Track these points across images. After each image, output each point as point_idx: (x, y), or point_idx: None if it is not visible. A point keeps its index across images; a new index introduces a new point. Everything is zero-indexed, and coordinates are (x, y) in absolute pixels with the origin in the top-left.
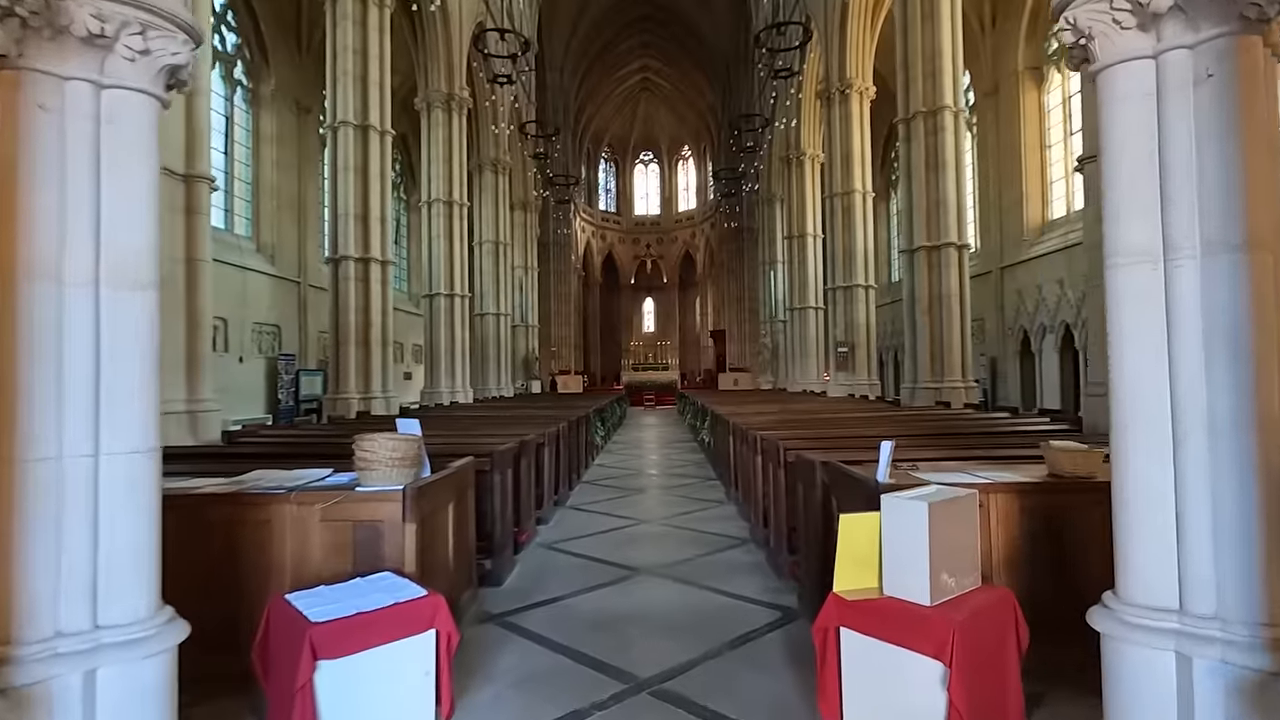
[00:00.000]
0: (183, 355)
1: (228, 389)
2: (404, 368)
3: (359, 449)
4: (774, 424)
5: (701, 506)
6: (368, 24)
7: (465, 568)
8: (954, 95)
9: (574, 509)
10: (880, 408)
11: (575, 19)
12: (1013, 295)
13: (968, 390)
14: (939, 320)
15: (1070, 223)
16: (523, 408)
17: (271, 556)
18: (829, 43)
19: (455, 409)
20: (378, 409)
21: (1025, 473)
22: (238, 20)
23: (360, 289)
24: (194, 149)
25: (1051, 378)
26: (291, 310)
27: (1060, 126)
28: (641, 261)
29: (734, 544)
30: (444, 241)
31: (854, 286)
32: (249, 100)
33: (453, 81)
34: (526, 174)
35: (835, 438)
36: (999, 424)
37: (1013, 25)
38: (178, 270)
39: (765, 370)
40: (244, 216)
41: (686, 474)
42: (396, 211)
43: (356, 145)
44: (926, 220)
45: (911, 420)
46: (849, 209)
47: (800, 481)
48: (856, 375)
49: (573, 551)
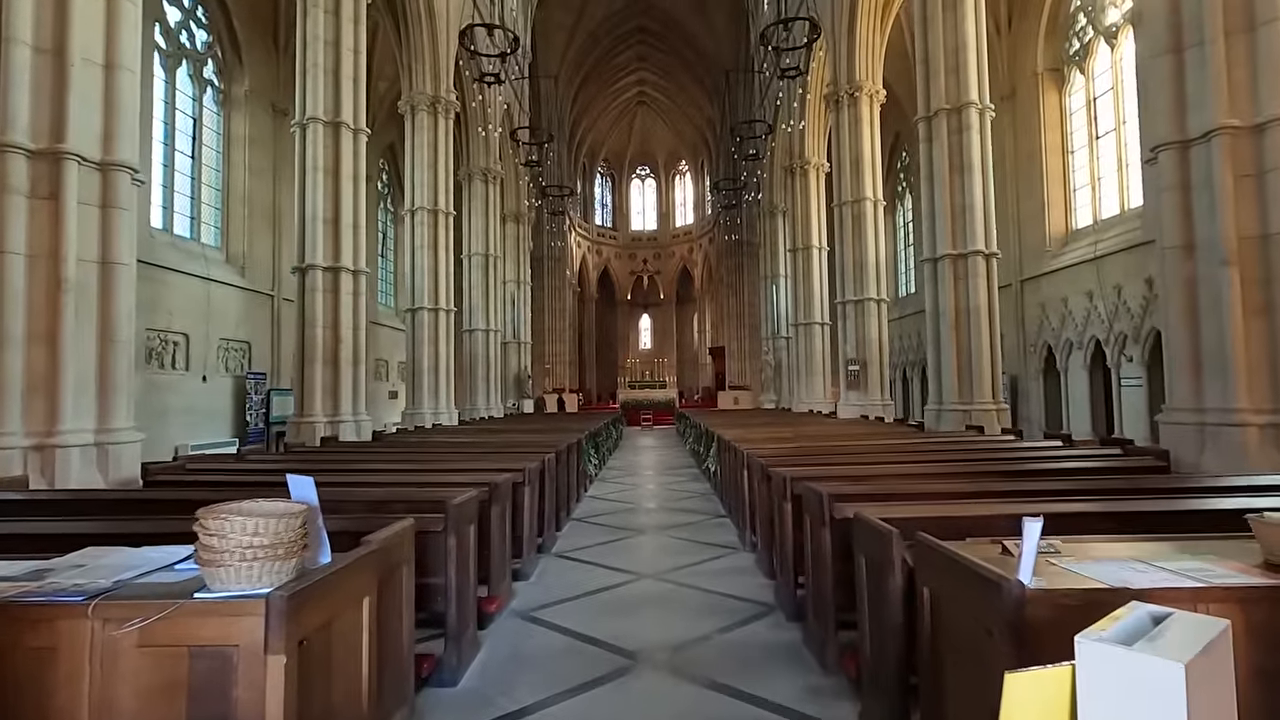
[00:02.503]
0: (93, 375)
1: (188, 410)
2: (389, 386)
3: (201, 532)
4: (793, 455)
5: (710, 553)
6: (341, 13)
7: (396, 682)
8: (979, 91)
9: (561, 557)
10: (905, 433)
11: (571, 29)
12: (1034, 309)
13: (1000, 413)
14: (966, 336)
15: (1098, 231)
16: (510, 431)
17: (55, 708)
18: (836, 44)
19: (433, 433)
20: (346, 433)
21: (1218, 558)
22: (209, 17)
23: (329, 301)
24: (114, 132)
25: (1079, 397)
26: (264, 325)
27: (1084, 130)
28: (638, 277)
29: (757, 612)
30: (428, 252)
31: (865, 300)
32: (219, 101)
33: (439, 83)
34: (519, 183)
35: (874, 477)
36: (1067, 459)
37: (1030, 26)
38: (89, 275)
39: (768, 389)
40: (212, 225)
41: (690, 508)
42: (383, 223)
43: (327, 144)
44: (951, 226)
45: (953, 452)
46: (859, 217)
47: (863, 553)
48: (869, 395)
49: (555, 624)
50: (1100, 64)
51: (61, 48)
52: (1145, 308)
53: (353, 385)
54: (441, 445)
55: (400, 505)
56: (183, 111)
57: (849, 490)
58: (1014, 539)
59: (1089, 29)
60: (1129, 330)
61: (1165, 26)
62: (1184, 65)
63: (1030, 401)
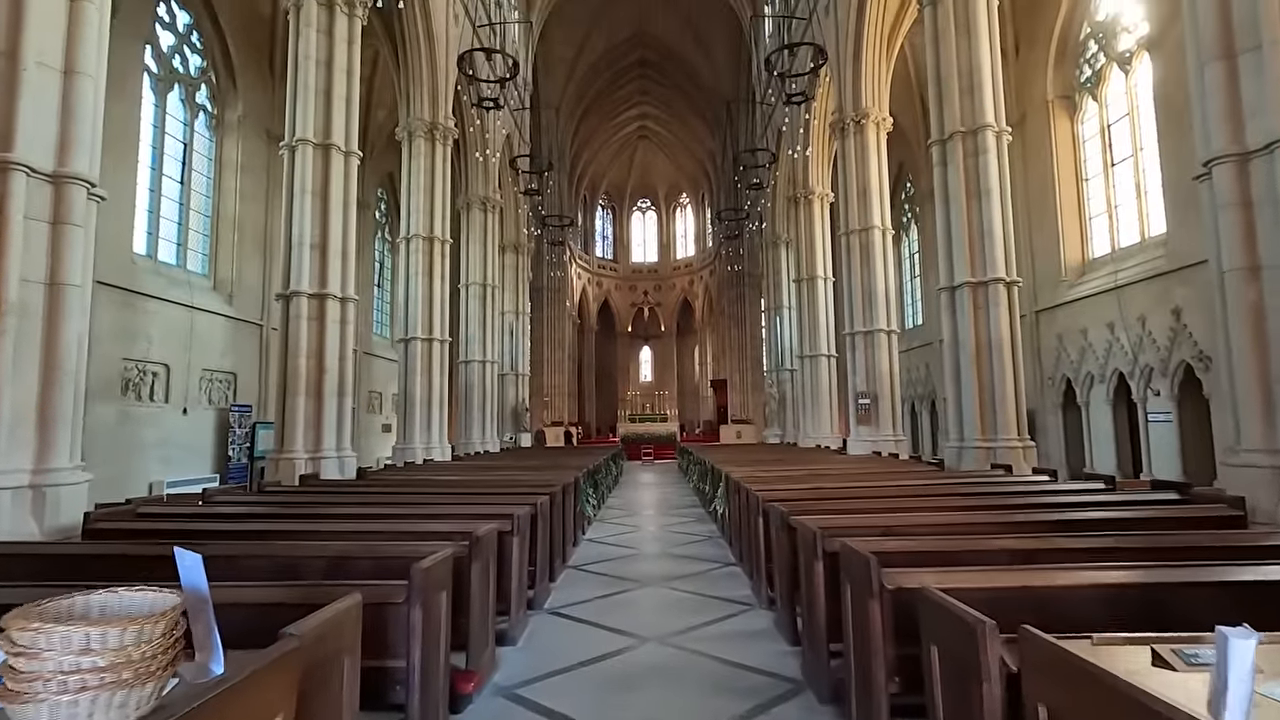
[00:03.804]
0: (32, 408)
1: (165, 444)
2: (382, 419)
3: (6, 649)
4: (811, 499)
5: (721, 609)
6: (334, 34)
7: None
8: (996, 113)
9: (554, 614)
10: (926, 473)
11: (572, 62)
12: (1051, 341)
13: (1026, 450)
14: (988, 368)
15: (1117, 260)
16: (503, 468)
17: None
18: (841, 71)
19: (422, 470)
20: (329, 471)
21: None
22: (204, 42)
23: (314, 329)
24: (70, 142)
25: (1103, 433)
26: (250, 355)
27: (1099, 158)
28: (639, 309)
29: (783, 691)
30: (422, 280)
31: (875, 331)
32: (212, 126)
33: (437, 109)
34: (519, 212)
35: (913, 528)
36: (1121, 505)
37: (1039, 53)
38: (34, 296)
39: (772, 423)
40: (200, 251)
41: (697, 555)
42: (381, 252)
43: (316, 166)
44: (970, 253)
45: (988, 495)
46: (867, 246)
47: (934, 642)
48: (880, 430)
49: (545, 707)
50: (1114, 90)
51: (14, 50)
52: (1172, 339)
53: (337, 419)
54: (427, 485)
55: (365, 563)
56: (173, 136)
57: (892, 548)
58: (1157, 637)
59: (1100, 56)
60: (1155, 363)
61: (1215, 30)
62: (1238, 71)
63: (1049, 437)
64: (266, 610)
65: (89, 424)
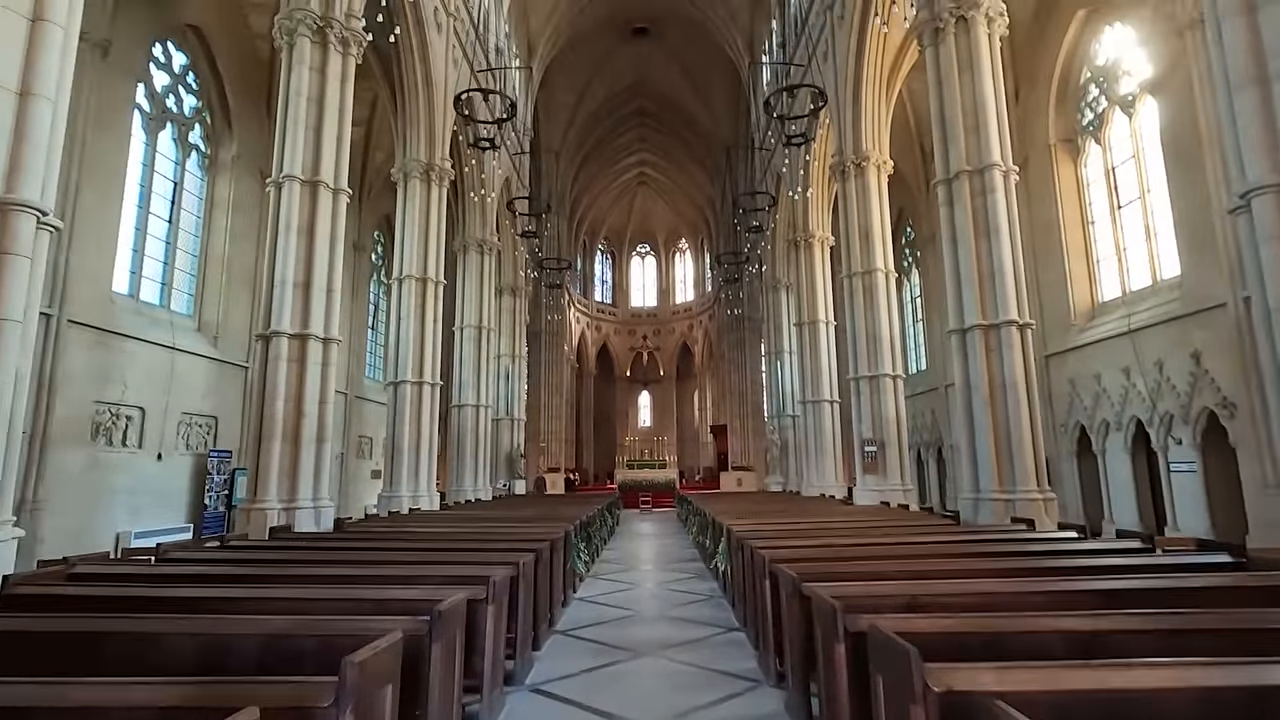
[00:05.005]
0: None
1: (136, 492)
2: (371, 465)
3: None
4: (824, 559)
5: (727, 687)
6: (327, 71)
7: None
8: (1002, 152)
9: (536, 692)
10: (943, 527)
11: (573, 108)
12: (1063, 386)
13: (1047, 503)
14: (1003, 415)
15: (1129, 304)
16: (491, 519)
17: None
18: (841, 115)
19: (404, 521)
20: (304, 522)
21: None
22: (200, 83)
23: (294, 371)
24: (19, 167)
25: (1121, 483)
26: (233, 398)
27: (1104, 200)
28: (638, 353)
29: None
30: (414, 321)
31: (880, 376)
32: (204, 165)
33: (433, 151)
34: (515, 254)
35: (945, 599)
36: (1176, 571)
37: (1040, 97)
38: None
39: (774, 470)
40: (185, 291)
41: (697, 618)
42: (376, 295)
43: (304, 202)
44: (980, 294)
45: (1018, 556)
46: (870, 289)
47: None
48: (888, 479)
49: None
50: (1117, 133)
51: None
52: (1193, 385)
53: (314, 466)
54: (406, 538)
55: (308, 644)
56: (162, 175)
57: (926, 628)
58: None
59: (1102, 99)
60: (1175, 410)
61: (1245, 55)
62: (1272, 97)
63: (1064, 486)
64: (165, 715)
65: (50, 472)
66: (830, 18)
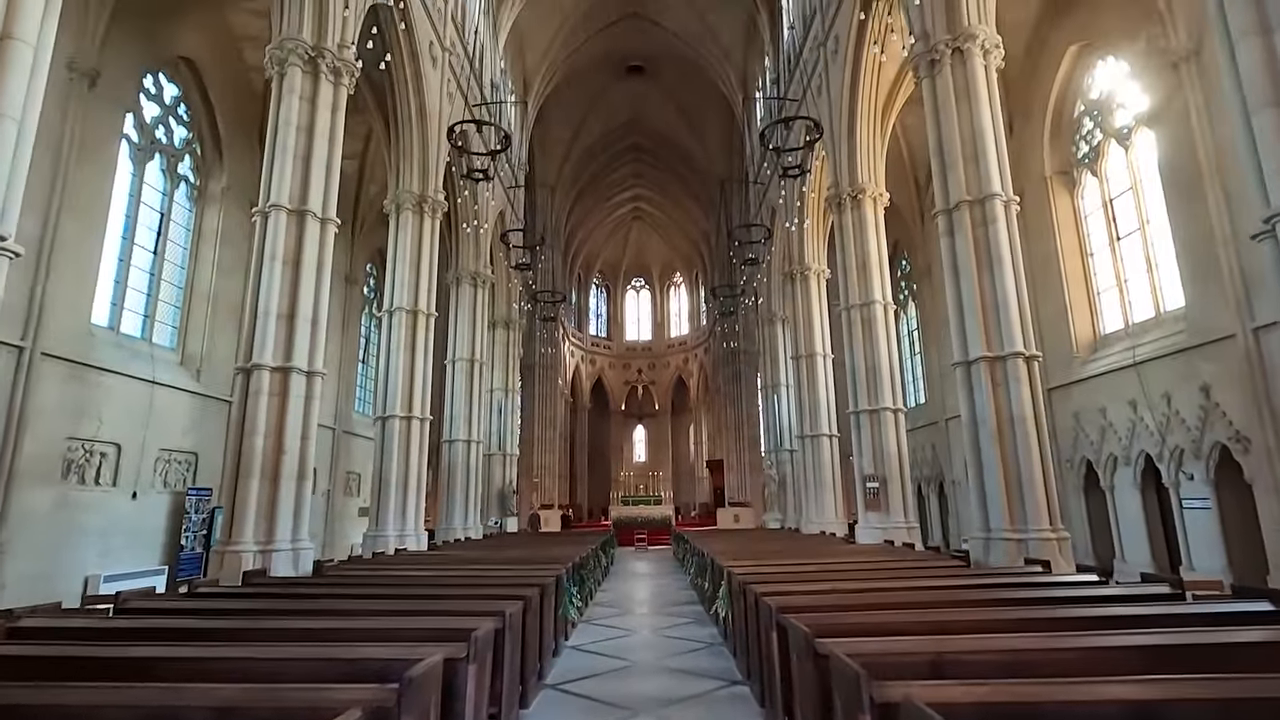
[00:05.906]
0: None
1: (109, 533)
2: (359, 502)
3: None
4: (833, 608)
5: None
6: (318, 100)
7: None
8: (1003, 181)
9: None
10: (953, 569)
11: (569, 144)
12: (1067, 420)
13: (1061, 543)
14: (1012, 450)
15: (1133, 336)
16: (480, 561)
17: None
18: (837, 147)
19: (387, 563)
20: (280, 565)
21: None
22: (191, 114)
23: (274, 405)
24: None
25: (1131, 520)
26: (216, 434)
27: (1103, 232)
28: (633, 387)
29: None
30: (404, 354)
31: (881, 410)
32: (193, 197)
33: (426, 182)
34: (509, 287)
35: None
36: (1218, 622)
37: (1034, 130)
38: None
39: (771, 506)
40: (169, 324)
41: (697, 669)
42: (367, 328)
43: (290, 232)
44: (984, 326)
45: (1041, 602)
46: (869, 322)
47: None
48: (891, 516)
49: None
50: (1114, 165)
51: None
52: (1204, 419)
53: (294, 505)
54: (387, 583)
55: (264, 714)
56: (149, 206)
57: (961, 698)
58: None
59: (1097, 132)
60: (1186, 444)
61: (1264, 75)
62: None
63: (1073, 523)
64: None
65: (15, 512)
66: (824, 53)
